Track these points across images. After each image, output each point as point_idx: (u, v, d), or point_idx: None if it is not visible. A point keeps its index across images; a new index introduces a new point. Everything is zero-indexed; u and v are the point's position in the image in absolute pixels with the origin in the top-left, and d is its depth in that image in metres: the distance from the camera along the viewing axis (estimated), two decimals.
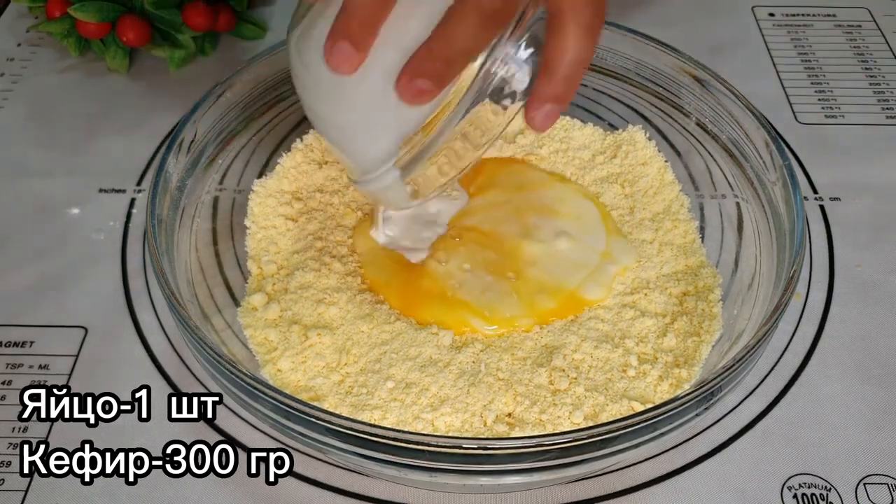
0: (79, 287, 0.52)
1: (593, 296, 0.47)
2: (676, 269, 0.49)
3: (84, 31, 0.65)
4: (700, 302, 0.47)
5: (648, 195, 0.53)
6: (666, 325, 0.46)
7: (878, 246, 0.55)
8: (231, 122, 0.51)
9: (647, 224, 0.51)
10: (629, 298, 0.48)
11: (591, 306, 0.47)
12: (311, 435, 0.36)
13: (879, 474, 0.44)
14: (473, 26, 0.35)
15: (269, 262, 0.49)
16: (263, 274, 0.49)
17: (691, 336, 0.45)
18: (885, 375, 0.48)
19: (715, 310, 0.46)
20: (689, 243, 0.50)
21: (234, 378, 0.37)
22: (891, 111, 0.65)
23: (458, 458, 0.35)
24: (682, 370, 0.43)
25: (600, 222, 0.51)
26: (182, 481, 0.43)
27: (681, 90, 0.54)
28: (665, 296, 0.48)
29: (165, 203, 0.45)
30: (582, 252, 0.49)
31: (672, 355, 0.44)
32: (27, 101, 0.66)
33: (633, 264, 0.49)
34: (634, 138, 0.55)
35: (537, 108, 0.38)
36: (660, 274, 0.49)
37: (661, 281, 0.48)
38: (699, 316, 0.46)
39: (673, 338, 0.45)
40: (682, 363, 0.44)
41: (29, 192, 0.59)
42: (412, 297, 0.47)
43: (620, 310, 0.47)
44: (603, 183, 0.54)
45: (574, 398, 0.42)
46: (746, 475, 0.44)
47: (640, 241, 0.51)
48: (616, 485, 0.43)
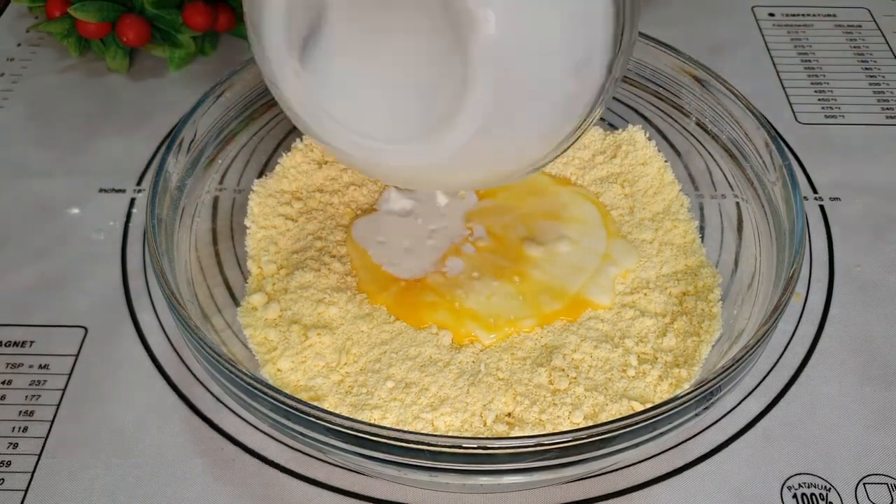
0: (79, 287, 0.52)
1: (600, 301, 0.47)
2: (676, 269, 0.49)
3: (84, 31, 0.65)
4: (700, 302, 0.47)
5: (648, 195, 0.53)
6: (666, 325, 0.46)
7: (878, 246, 0.55)
8: (231, 121, 0.51)
9: (646, 224, 0.51)
10: (629, 298, 0.48)
11: (595, 309, 0.47)
12: (311, 435, 0.36)
13: (879, 474, 0.44)
14: None
15: (269, 262, 0.49)
16: (263, 274, 0.49)
17: (691, 336, 0.45)
18: (885, 375, 0.48)
19: (715, 309, 0.46)
20: (688, 243, 0.50)
21: (234, 378, 0.37)
22: (891, 111, 0.65)
23: (458, 457, 0.35)
24: (682, 370, 0.43)
25: (601, 225, 0.51)
26: (182, 481, 0.43)
27: (681, 90, 0.54)
28: (665, 295, 0.48)
29: (165, 203, 0.45)
30: (583, 255, 0.49)
31: (672, 355, 0.44)
32: (27, 101, 0.66)
33: (634, 266, 0.49)
34: (634, 138, 0.55)
35: None
36: (659, 274, 0.49)
37: (660, 281, 0.48)
38: (699, 316, 0.46)
39: (673, 337, 0.45)
40: (682, 363, 0.44)
41: (29, 191, 0.59)
42: (415, 309, 0.47)
43: (620, 310, 0.47)
44: (603, 183, 0.54)
45: (574, 398, 0.42)
46: (746, 475, 0.44)
47: (639, 241, 0.51)
48: (616, 485, 0.43)
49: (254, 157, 0.54)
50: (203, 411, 0.46)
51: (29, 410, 0.46)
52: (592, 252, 0.49)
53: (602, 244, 0.50)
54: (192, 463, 0.44)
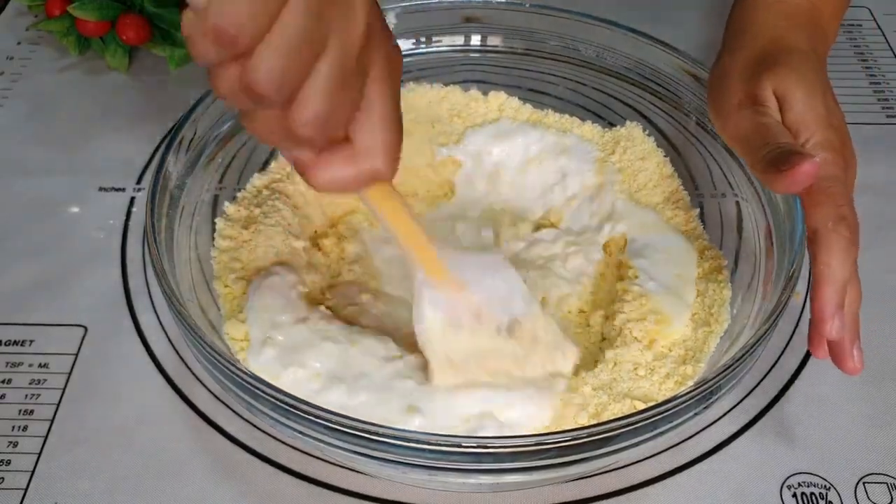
0: (78, 286, 0.52)
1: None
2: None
3: (84, 29, 0.65)
4: (710, 283, 0.47)
5: (648, 187, 0.53)
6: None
7: (878, 246, 0.55)
8: (230, 120, 0.51)
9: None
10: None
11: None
12: (310, 434, 0.36)
13: (879, 473, 0.44)
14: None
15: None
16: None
17: (702, 326, 0.45)
18: (885, 375, 0.48)
19: (725, 292, 0.46)
20: (691, 230, 0.50)
21: (234, 377, 0.37)
22: (891, 111, 0.65)
23: (458, 457, 0.35)
24: (689, 366, 0.43)
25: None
26: (181, 479, 0.43)
27: (680, 89, 0.54)
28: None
29: (165, 202, 0.45)
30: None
31: (683, 348, 0.44)
32: (27, 100, 0.66)
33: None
34: (633, 134, 0.55)
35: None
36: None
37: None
38: (710, 298, 0.46)
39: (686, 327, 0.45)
40: (690, 358, 0.43)
41: (29, 190, 0.59)
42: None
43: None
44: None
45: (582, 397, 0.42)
46: (746, 474, 0.44)
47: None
48: (616, 484, 0.43)
49: (253, 156, 0.54)
50: (203, 410, 0.46)
51: (29, 409, 0.46)
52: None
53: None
54: (192, 461, 0.44)
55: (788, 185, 0.39)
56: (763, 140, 0.41)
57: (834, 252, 0.39)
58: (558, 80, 0.58)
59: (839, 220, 0.39)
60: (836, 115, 0.44)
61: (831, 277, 0.39)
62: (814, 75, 0.44)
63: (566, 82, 0.58)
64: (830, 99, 0.44)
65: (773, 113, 0.43)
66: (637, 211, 0.51)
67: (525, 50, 0.58)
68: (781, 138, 0.41)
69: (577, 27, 0.56)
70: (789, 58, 0.45)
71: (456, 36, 0.58)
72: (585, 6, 0.57)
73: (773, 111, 0.43)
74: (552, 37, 0.57)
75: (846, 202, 0.40)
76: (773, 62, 0.44)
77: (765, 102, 0.43)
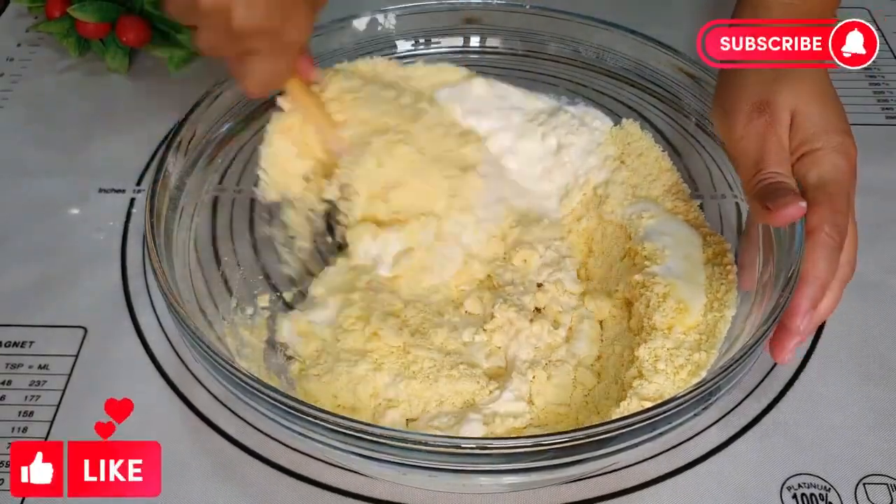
0: (78, 287, 0.52)
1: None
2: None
3: (84, 31, 0.65)
4: (717, 267, 0.47)
5: (648, 180, 0.53)
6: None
7: (878, 246, 0.55)
8: (230, 121, 0.51)
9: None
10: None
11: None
12: (311, 435, 0.36)
13: (879, 474, 0.44)
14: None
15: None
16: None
17: (711, 311, 0.45)
18: (885, 375, 0.48)
19: (731, 277, 0.46)
20: (692, 220, 0.50)
21: (234, 378, 0.37)
22: (891, 111, 0.65)
23: (458, 457, 0.35)
24: (702, 353, 0.42)
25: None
26: (181, 480, 0.43)
27: (680, 90, 0.54)
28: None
29: (165, 203, 0.45)
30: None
31: (696, 332, 0.44)
32: (27, 102, 0.66)
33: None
34: (630, 131, 0.55)
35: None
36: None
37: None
38: (717, 281, 0.46)
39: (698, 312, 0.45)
40: (704, 342, 0.43)
41: (29, 191, 0.59)
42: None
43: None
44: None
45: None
46: (746, 475, 0.44)
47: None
48: (616, 484, 0.43)
49: (253, 157, 0.54)
50: (202, 411, 0.46)
51: (28, 411, 0.46)
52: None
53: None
54: (192, 462, 0.44)
55: (770, 221, 0.41)
56: (760, 166, 0.42)
57: (819, 252, 0.40)
58: (558, 82, 0.58)
59: (833, 226, 0.40)
60: (846, 120, 0.44)
61: (813, 276, 0.40)
62: (827, 80, 0.45)
63: (566, 83, 0.58)
64: (840, 104, 0.45)
65: (783, 123, 0.43)
66: (637, 203, 0.51)
67: (525, 51, 0.58)
68: (779, 167, 0.41)
69: (577, 28, 0.56)
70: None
71: (455, 37, 0.59)
72: (585, 7, 0.57)
73: (783, 121, 0.43)
74: (552, 38, 0.57)
75: (844, 210, 0.41)
76: (788, 70, 0.44)
77: (777, 112, 0.43)
